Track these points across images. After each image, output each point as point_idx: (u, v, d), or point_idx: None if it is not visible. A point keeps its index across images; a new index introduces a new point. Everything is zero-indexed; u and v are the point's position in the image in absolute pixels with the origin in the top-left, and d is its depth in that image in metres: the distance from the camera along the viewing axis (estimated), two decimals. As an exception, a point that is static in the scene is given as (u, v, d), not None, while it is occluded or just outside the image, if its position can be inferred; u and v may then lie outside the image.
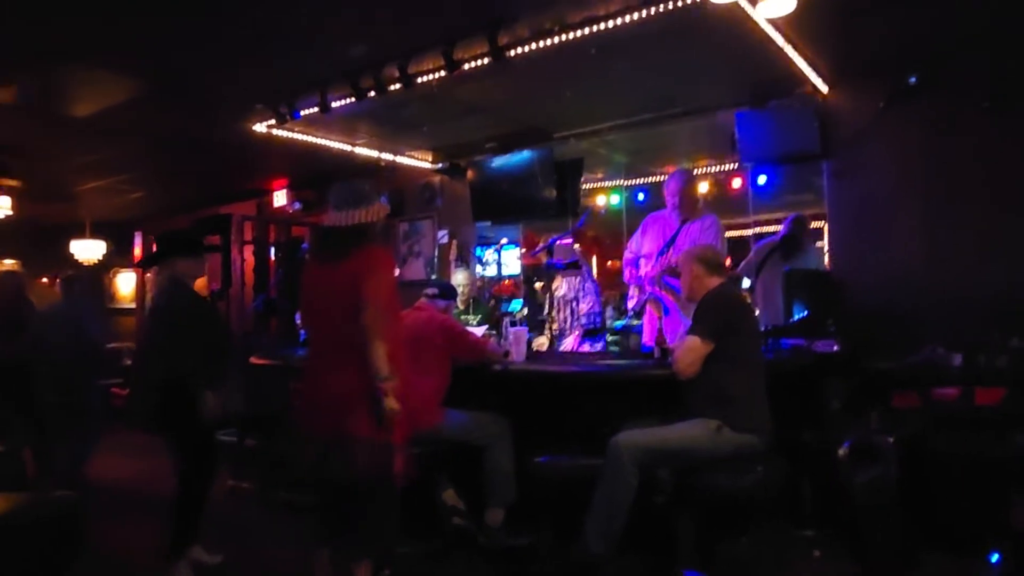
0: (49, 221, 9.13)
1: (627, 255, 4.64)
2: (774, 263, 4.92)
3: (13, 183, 6.57)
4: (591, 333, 4.57)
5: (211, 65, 4.47)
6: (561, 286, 4.70)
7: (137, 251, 9.12)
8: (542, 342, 4.61)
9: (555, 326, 4.58)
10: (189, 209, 8.76)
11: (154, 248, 3.82)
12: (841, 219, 4.85)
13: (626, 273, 4.61)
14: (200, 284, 4.61)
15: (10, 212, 6.88)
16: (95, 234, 9.02)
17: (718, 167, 6.75)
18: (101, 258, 9.12)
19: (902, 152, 4.51)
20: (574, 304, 4.66)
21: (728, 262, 4.35)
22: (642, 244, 4.53)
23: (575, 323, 4.58)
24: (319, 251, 2.90)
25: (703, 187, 6.71)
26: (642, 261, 4.48)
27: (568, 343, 4.51)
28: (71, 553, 2.62)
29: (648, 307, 4.51)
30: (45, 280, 10.03)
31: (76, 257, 8.96)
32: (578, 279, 4.67)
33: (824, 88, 4.73)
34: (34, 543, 2.49)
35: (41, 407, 4.64)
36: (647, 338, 4.53)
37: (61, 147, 6.16)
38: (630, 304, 4.61)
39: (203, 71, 4.57)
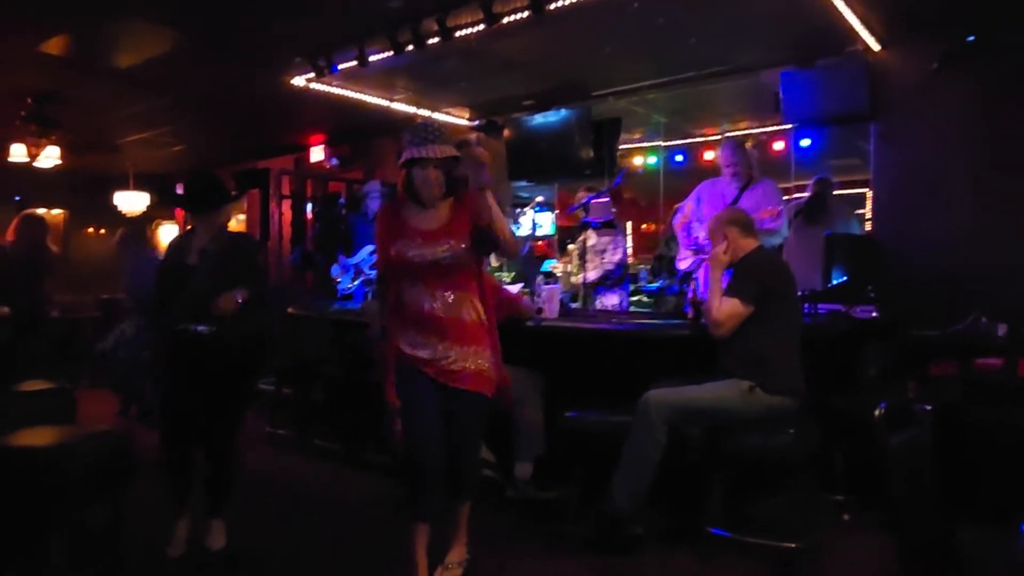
0: (95, 172, 9.30)
1: (679, 218, 4.58)
2: (799, 226, 4.81)
3: (60, 134, 6.70)
4: (608, 281, 4.76)
5: (250, 18, 4.48)
6: (591, 237, 4.77)
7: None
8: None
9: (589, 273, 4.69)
10: (228, 163, 8.87)
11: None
12: (887, 183, 4.72)
13: (680, 236, 4.55)
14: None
15: (59, 162, 7.03)
16: (139, 186, 9.18)
17: (760, 128, 6.62)
18: (144, 209, 9.28)
19: (954, 115, 4.35)
20: (603, 255, 4.74)
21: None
22: (699, 210, 4.45)
23: (601, 266, 4.74)
24: None
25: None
26: (695, 225, 4.42)
27: (591, 276, 4.68)
28: (124, 481, 2.77)
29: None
30: (91, 230, 10.30)
31: (120, 208, 9.13)
32: (609, 237, 4.78)
33: (875, 46, 4.56)
34: (90, 470, 2.63)
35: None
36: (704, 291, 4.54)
37: (105, 98, 6.25)
38: (682, 265, 4.53)
39: (242, 24, 4.58)
